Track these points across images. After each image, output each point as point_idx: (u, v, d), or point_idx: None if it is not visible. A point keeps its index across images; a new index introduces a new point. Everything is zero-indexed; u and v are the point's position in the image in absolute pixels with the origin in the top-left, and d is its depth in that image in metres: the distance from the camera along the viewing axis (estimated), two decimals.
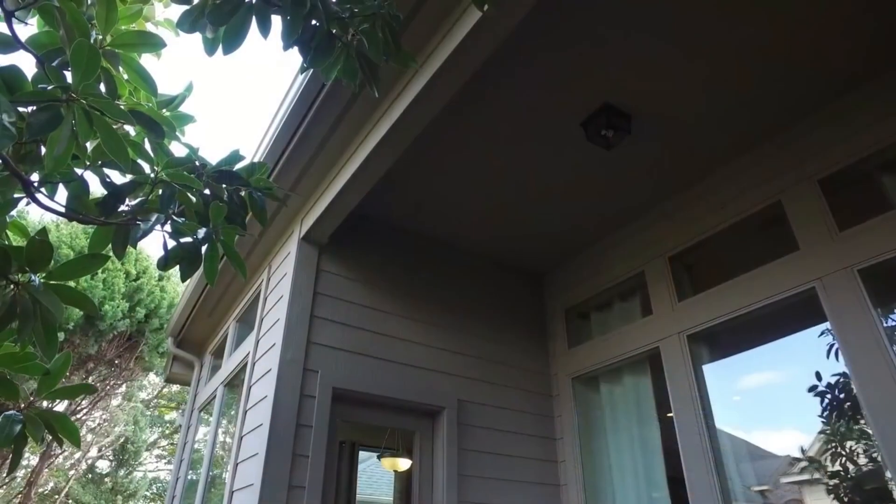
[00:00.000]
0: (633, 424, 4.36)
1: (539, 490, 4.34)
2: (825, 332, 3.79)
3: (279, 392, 3.47)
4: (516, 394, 4.60)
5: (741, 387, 4.28)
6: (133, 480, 11.88)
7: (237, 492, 3.68)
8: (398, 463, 5.15)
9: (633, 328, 4.42)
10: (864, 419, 3.70)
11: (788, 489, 5.17)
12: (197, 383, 6.59)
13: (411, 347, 4.19)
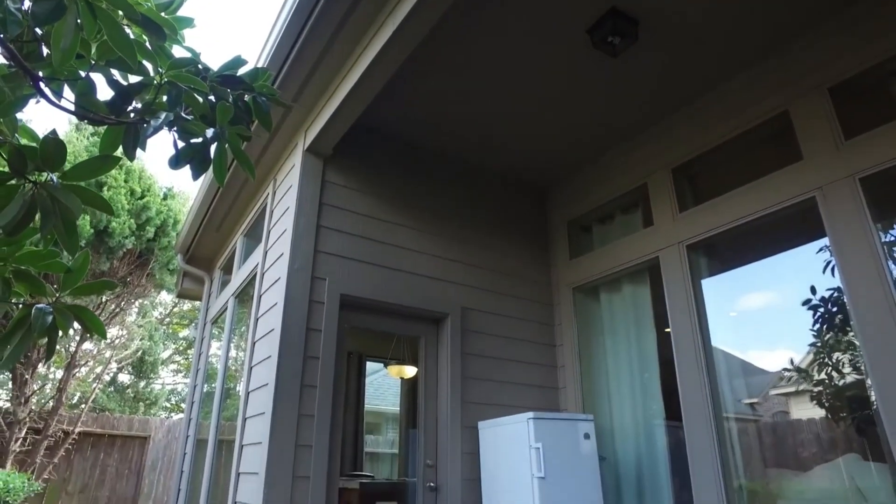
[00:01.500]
0: (631, 334, 4.54)
1: (539, 392, 4.59)
2: (823, 249, 3.86)
3: (289, 299, 3.61)
4: (518, 302, 4.76)
5: (738, 303, 4.40)
6: (153, 391, 12.55)
7: (252, 392, 3.91)
8: (404, 370, 5.40)
9: (633, 239, 4.50)
10: (852, 331, 3.84)
11: (776, 401, 5.43)
12: (208, 298, 6.80)
13: (416, 257, 4.30)
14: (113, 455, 8.19)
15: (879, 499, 3.34)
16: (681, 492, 3.95)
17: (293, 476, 3.31)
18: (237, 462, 3.88)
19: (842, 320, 4.10)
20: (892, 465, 3.01)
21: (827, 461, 4.18)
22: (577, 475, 3.70)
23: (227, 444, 4.78)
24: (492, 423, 3.99)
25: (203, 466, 5.04)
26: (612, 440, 4.37)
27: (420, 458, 4.10)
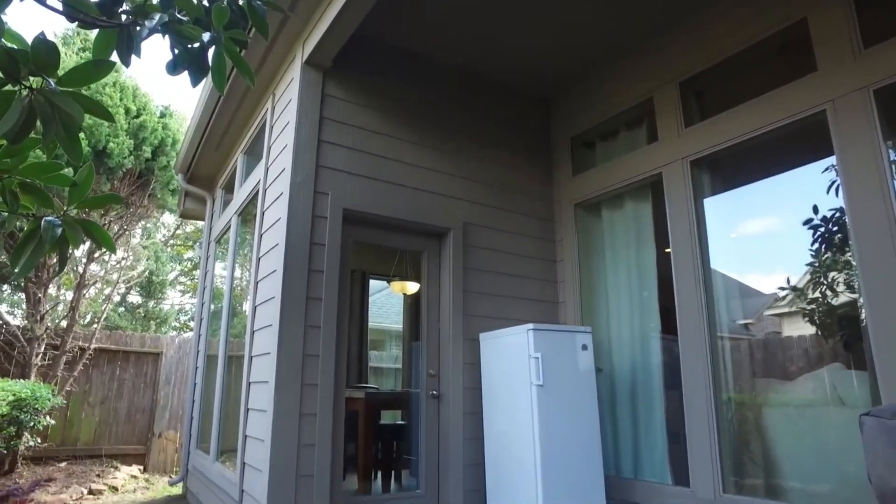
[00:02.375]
0: (631, 251, 4.60)
1: (539, 306, 4.71)
2: (829, 169, 3.82)
3: (292, 213, 3.64)
4: (520, 218, 4.79)
5: (738, 225, 4.41)
6: (162, 311, 12.89)
7: (259, 306, 4.02)
8: (407, 286, 5.52)
9: (636, 154, 4.46)
10: (850, 251, 3.88)
11: (770, 321, 5.56)
12: (211, 217, 6.83)
13: (419, 171, 4.28)
14: (128, 370, 8.54)
15: (857, 403, 3.52)
16: (672, 402, 4.15)
17: (302, 384, 3.48)
18: (248, 372, 4.06)
19: (841, 240, 4.13)
20: (871, 374, 3.13)
21: (812, 372, 4.35)
22: (573, 384, 3.87)
23: (236, 358, 4.97)
24: (493, 334, 4.13)
25: (215, 379, 5.27)
26: (608, 353, 4.54)
27: (423, 368, 4.28)
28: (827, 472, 3.45)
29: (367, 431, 4.75)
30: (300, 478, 3.36)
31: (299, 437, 3.40)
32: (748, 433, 3.88)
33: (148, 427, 8.52)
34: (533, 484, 3.56)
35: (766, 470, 3.75)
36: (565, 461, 3.68)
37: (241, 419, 3.98)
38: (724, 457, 3.64)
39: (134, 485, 7.26)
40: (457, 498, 3.94)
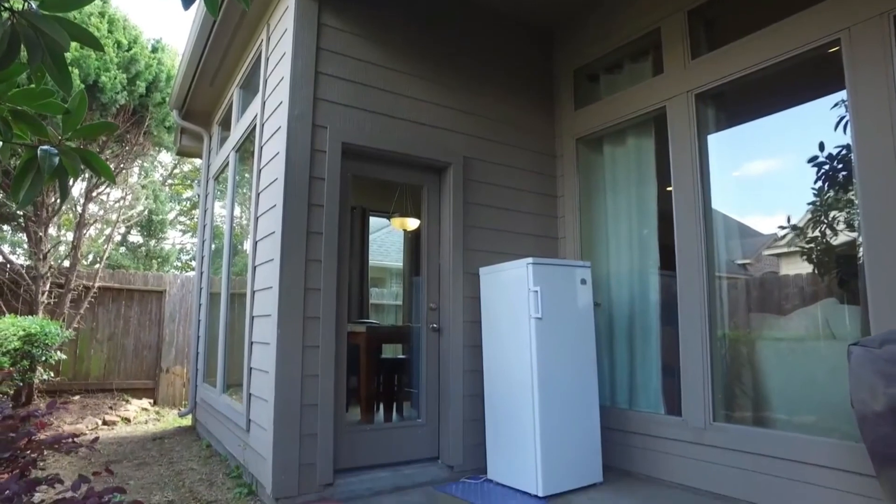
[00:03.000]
0: (632, 188, 4.57)
1: (538, 241, 4.74)
2: (839, 104, 3.74)
3: (290, 147, 3.59)
4: (521, 153, 4.74)
5: (742, 164, 4.36)
6: (164, 250, 12.97)
7: (260, 241, 4.04)
8: (407, 222, 5.52)
9: (641, 88, 4.36)
10: (852, 189, 3.84)
11: (768, 261, 5.60)
12: (208, 154, 6.76)
13: (418, 105, 4.20)
14: (133, 308, 8.68)
15: (847, 336, 3.60)
16: (667, 337, 4.24)
17: (304, 317, 3.54)
18: (250, 307, 4.13)
19: (845, 178, 4.10)
20: (864, 309, 3.18)
21: (806, 307, 4.42)
22: (572, 318, 3.94)
23: (238, 295, 5.04)
24: (493, 268, 4.17)
25: (218, 315, 5.36)
26: (607, 288, 4.60)
27: (423, 302, 4.35)
28: (813, 402, 3.57)
29: (368, 364, 4.88)
30: (305, 407, 3.47)
31: (303, 368, 3.49)
32: (740, 366, 3.99)
33: (155, 362, 8.74)
34: (530, 413, 3.69)
35: (755, 401, 3.88)
36: (562, 392, 3.79)
37: (246, 352, 4.08)
38: (715, 389, 3.75)
39: (145, 416, 7.54)
40: (456, 427, 4.10)
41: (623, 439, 4.19)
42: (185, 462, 4.81)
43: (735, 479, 3.49)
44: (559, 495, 3.65)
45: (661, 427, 3.98)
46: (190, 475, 4.35)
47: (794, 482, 3.22)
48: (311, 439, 3.47)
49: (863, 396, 2.46)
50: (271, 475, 3.32)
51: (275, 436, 3.35)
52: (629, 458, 4.14)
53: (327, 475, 3.50)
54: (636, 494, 3.69)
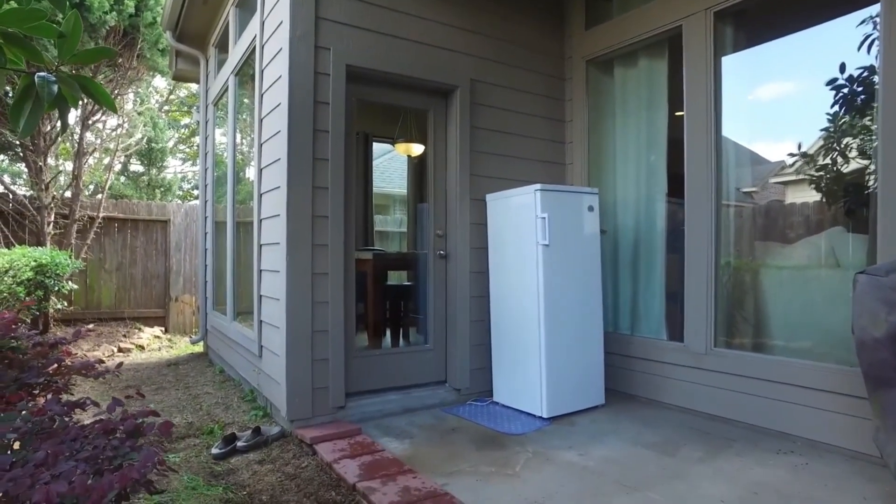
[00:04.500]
0: (643, 113, 4.45)
1: (546, 167, 4.67)
2: (866, 21, 3.56)
3: (293, 70, 3.47)
4: (529, 75, 4.58)
5: (756, 88, 4.20)
6: (165, 179, 12.86)
7: (265, 168, 3.99)
8: (412, 148, 5.44)
9: (656, 4, 4.15)
10: (870, 114, 3.72)
11: (774, 189, 5.53)
12: (206, 79, 6.56)
13: (424, 24, 4.02)
14: (139, 238, 8.72)
15: (852, 265, 3.61)
16: (672, 264, 4.26)
17: (312, 244, 3.55)
18: (258, 235, 4.13)
19: (863, 102, 3.97)
20: (872, 237, 3.17)
21: (812, 236, 4.42)
22: (578, 245, 3.95)
23: (244, 223, 5.04)
24: (500, 195, 4.14)
25: (225, 244, 5.38)
26: (613, 215, 4.58)
27: (430, 228, 4.35)
28: (811, 329, 3.63)
29: (376, 291, 4.95)
30: (315, 333, 3.55)
31: (313, 295, 3.54)
32: (743, 294, 4.03)
33: (164, 291, 8.89)
34: (536, 338, 3.77)
35: (756, 327, 3.95)
36: (567, 317, 3.86)
37: (255, 280, 4.13)
38: (718, 315, 3.81)
39: (158, 344, 7.75)
40: (463, 351, 4.20)
41: (625, 364, 4.31)
42: (200, 387, 4.98)
43: (732, 402, 3.61)
44: (562, 416, 3.79)
45: (663, 352, 4.08)
46: (206, 399, 4.52)
47: (789, 404, 3.33)
48: (323, 364, 3.57)
49: (864, 323, 2.50)
50: (286, 399, 3.44)
51: (287, 361, 3.44)
52: (631, 381, 4.27)
53: (339, 398, 3.63)
54: (636, 416, 3.83)
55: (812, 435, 3.23)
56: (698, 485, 2.69)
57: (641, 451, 3.15)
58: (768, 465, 2.94)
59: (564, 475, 2.82)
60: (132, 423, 1.57)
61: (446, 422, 3.73)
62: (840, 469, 2.88)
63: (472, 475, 2.82)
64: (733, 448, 3.19)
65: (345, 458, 2.98)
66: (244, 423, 3.79)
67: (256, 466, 3.06)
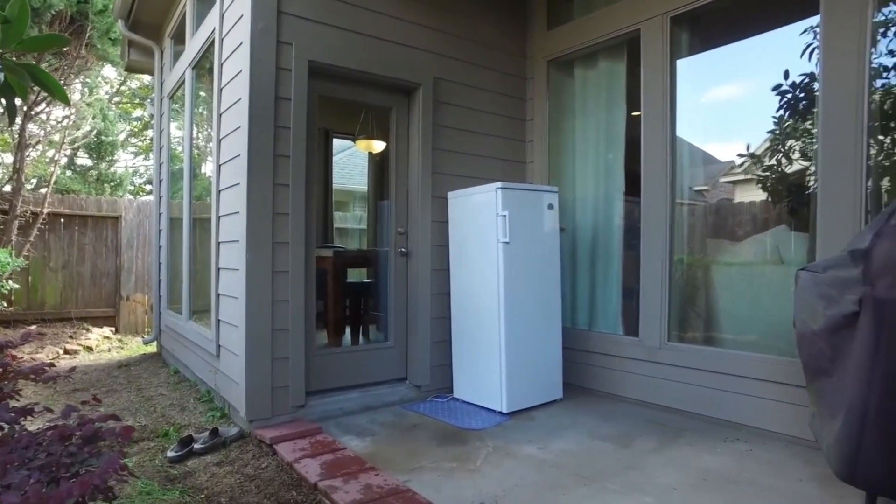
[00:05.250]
0: (602, 113, 4.56)
1: (507, 165, 4.73)
2: (808, 31, 3.74)
3: (254, 65, 3.41)
4: (491, 74, 4.63)
5: (708, 90, 4.36)
6: (116, 173, 12.36)
7: (224, 165, 3.91)
8: (373, 144, 5.43)
9: (616, 8, 4.26)
10: (811, 118, 3.92)
11: (723, 188, 5.76)
12: (161, 71, 6.36)
13: (388, 21, 4.01)
14: (87, 234, 8.38)
15: (795, 262, 3.80)
16: (628, 261, 4.38)
17: (272, 241, 3.50)
18: (216, 233, 4.04)
19: (805, 107, 4.18)
20: (812, 236, 3.34)
21: (759, 234, 4.63)
22: (538, 242, 4.02)
23: (201, 220, 4.93)
24: (461, 192, 4.17)
25: (181, 241, 5.24)
26: (573, 212, 4.68)
27: (391, 226, 4.35)
28: (758, 323, 3.81)
29: (336, 289, 4.92)
30: (275, 331, 3.50)
31: (273, 293, 3.49)
32: (695, 289, 4.19)
33: (115, 290, 8.58)
34: (496, 334, 3.82)
35: (707, 322, 4.11)
36: (527, 314, 3.93)
37: (213, 278, 4.04)
38: (672, 310, 3.95)
39: (108, 345, 7.48)
40: (424, 348, 4.22)
41: (583, 358, 4.41)
42: (154, 388, 4.84)
43: (684, 394, 3.75)
44: (522, 411, 3.86)
45: (619, 346, 4.20)
46: (161, 401, 4.40)
47: (736, 394, 3.49)
48: (283, 363, 3.52)
49: (804, 317, 2.64)
50: (245, 398, 3.39)
51: (247, 360, 3.39)
52: (588, 376, 4.38)
53: (299, 397, 3.59)
54: (593, 409, 3.94)
55: (756, 423, 3.39)
56: (652, 474, 2.79)
57: (598, 444, 3.24)
58: (716, 452, 3.08)
59: (524, 469, 2.87)
60: (91, 428, 1.52)
61: (407, 419, 3.75)
62: (780, 454, 3.04)
63: (434, 471, 2.85)
64: (684, 438, 3.32)
65: (306, 458, 2.96)
66: (201, 425, 3.71)
67: (214, 468, 3.00)
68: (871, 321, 2.13)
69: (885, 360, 2.10)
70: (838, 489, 2.52)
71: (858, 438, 2.18)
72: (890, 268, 2.11)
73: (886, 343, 2.10)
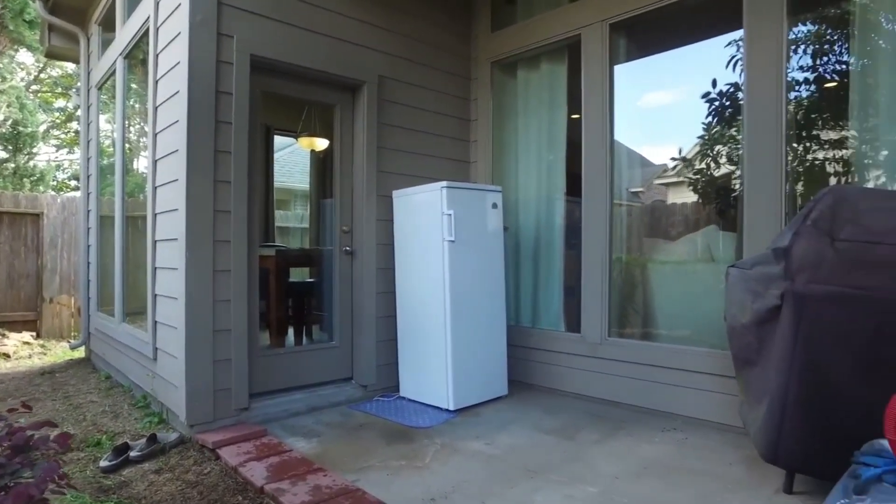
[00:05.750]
0: (544, 115, 4.67)
1: (451, 165, 4.77)
2: (731, 44, 3.98)
3: (193, 57, 3.28)
4: (436, 74, 4.66)
5: (643, 95, 4.56)
6: (37, 167, 11.55)
7: (161, 160, 3.75)
8: (315, 142, 5.33)
9: (558, 13, 4.38)
10: (736, 125, 4.17)
11: (657, 190, 6.03)
12: (88, 59, 6.01)
13: (333, 17, 3.96)
14: (3, 232, 7.81)
15: (725, 258, 4.03)
16: (569, 260, 4.52)
17: (214, 240, 3.39)
18: (152, 231, 3.87)
19: (730, 114, 4.44)
20: (739, 235, 3.55)
21: (691, 233, 4.88)
22: (483, 241, 4.08)
23: (134, 218, 4.71)
24: (407, 191, 4.17)
25: (113, 240, 4.98)
26: (515, 212, 4.77)
27: (336, 224, 4.30)
28: (692, 318, 4.01)
29: (278, 289, 4.81)
30: (217, 333, 3.40)
31: (214, 293, 3.38)
32: (633, 287, 4.36)
33: (36, 292, 8.04)
34: (442, 332, 3.85)
35: (645, 317, 4.30)
36: (473, 312, 3.98)
37: (149, 278, 3.87)
38: (612, 307, 4.10)
39: (28, 351, 7.00)
40: (369, 348, 4.20)
41: (527, 355, 4.51)
42: (83, 395, 4.58)
43: (625, 387, 3.91)
44: (468, 408, 3.91)
45: (562, 343, 4.32)
46: (91, 408, 4.17)
47: (672, 386, 3.67)
48: (225, 365, 3.42)
49: (734, 311, 2.82)
50: (185, 402, 3.27)
51: (187, 363, 3.27)
52: (532, 372, 4.48)
53: (243, 399, 3.50)
54: (538, 403, 4.04)
55: (691, 413, 3.57)
56: (595, 464, 2.90)
57: (543, 437, 3.33)
58: (655, 442, 3.23)
59: (473, 464, 2.92)
60: (22, 437, 1.43)
61: (354, 418, 3.72)
62: (713, 440, 3.23)
63: (383, 470, 2.85)
64: (625, 429, 3.46)
65: (251, 461, 2.89)
66: (137, 432, 3.55)
67: (153, 476, 2.88)
68: (791, 314, 2.30)
69: (803, 351, 2.27)
70: (763, 470, 2.70)
71: (780, 423, 2.35)
72: (807, 264, 2.28)
73: (804, 335, 2.27)
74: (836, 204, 2.35)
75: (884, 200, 2.47)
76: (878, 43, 3.24)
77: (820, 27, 4.23)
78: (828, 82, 4.21)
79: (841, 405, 2.23)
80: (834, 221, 2.30)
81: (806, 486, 2.52)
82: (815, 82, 4.28)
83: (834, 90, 4.14)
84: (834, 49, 4.21)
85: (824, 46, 4.22)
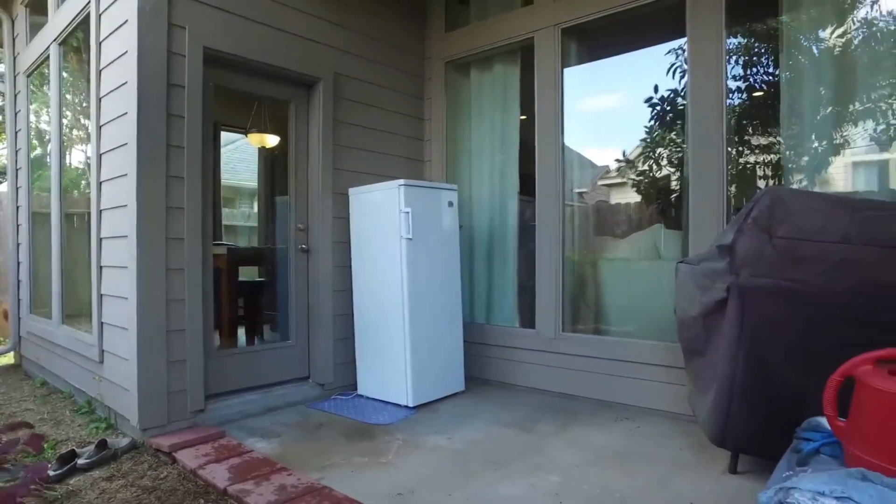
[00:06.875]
0: (497, 115, 4.76)
1: (406, 163, 4.79)
2: (671, 52, 4.20)
3: (143, 47, 3.15)
4: (392, 73, 4.66)
5: (589, 98, 4.73)
6: None
7: (106, 154, 3.58)
8: (266, 139, 5.23)
9: (511, 16, 4.47)
10: (676, 129, 4.39)
11: (601, 191, 6.26)
12: (13, 43, 5.63)
13: (289, 12, 3.89)
14: None
15: (671, 255, 4.24)
16: (523, 257, 4.63)
17: (166, 238, 3.28)
18: (97, 228, 3.69)
19: (671, 119, 4.67)
20: (685, 233, 3.75)
21: (639, 232, 5.10)
22: (439, 239, 4.13)
23: (73, 215, 4.48)
24: (363, 189, 4.16)
25: (49, 238, 4.70)
26: (469, 211, 4.84)
27: (291, 222, 4.23)
28: (642, 312, 4.19)
29: (230, 287, 4.70)
30: (171, 333, 3.29)
31: (167, 292, 3.27)
32: (585, 283, 4.52)
33: None
34: (401, 330, 3.87)
35: (597, 313, 4.45)
36: (430, 309, 4.02)
37: (94, 278, 3.68)
38: (565, 303, 4.23)
39: None
40: (326, 346, 4.17)
41: (482, 351, 4.59)
42: (16, 403, 4.31)
43: (579, 381, 4.05)
44: (427, 404, 3.94)
45: (517, 338, 4.42)
46: (27, 416, 3.93)
47: (624, 378, 3.83)
48: (180, 366, 3.31)
49: (684, 304, 2.98)
50: (137, 406, 3.14)
51: (139, 365, 3.14)
52: (488, 368, 4.56)
53: (198, 401, 3.40)
54: (494, 398, 4.12)
55: (643, 403, 3.74)
56: (555, 454, 3.00)
57: (503, 431, 3.40)
58: (609, 431, 3.37)
59: (435, 459, 2.96)
60: None
61: (313, 417, 3.69)
62: (664, 428, 3.40)
63: (347, 467, 2.85)
64: (580, 420, 3.58)
65: (211, 463, 2.82)
66: (83, 439, 3.38)
67: (105, 484, 2.76)
68: (736, 306, 2.46)
69: (748, 340, 2.44)
70: (711, 453, 2.87)
71: (727, 407, 2.51)
72: (749, 259, 2.45)
73: (749, 324, 2.43)
74: (773, 204, 2.52)
75: (812, 202, 2.67)
76: (799, 59, 3.51)
77: (751, 40, 4.53)
78: (760, 91, 4.52)
79: (781, 391, 2.41)
80: (772, 220, 2.47)
81: (749, 465, 2.70)
82: (748, 91, 4.58)
83: (765, 99, 4.44)
84: (764, 61, 4.52)
85: (757, 58, 4.53)
